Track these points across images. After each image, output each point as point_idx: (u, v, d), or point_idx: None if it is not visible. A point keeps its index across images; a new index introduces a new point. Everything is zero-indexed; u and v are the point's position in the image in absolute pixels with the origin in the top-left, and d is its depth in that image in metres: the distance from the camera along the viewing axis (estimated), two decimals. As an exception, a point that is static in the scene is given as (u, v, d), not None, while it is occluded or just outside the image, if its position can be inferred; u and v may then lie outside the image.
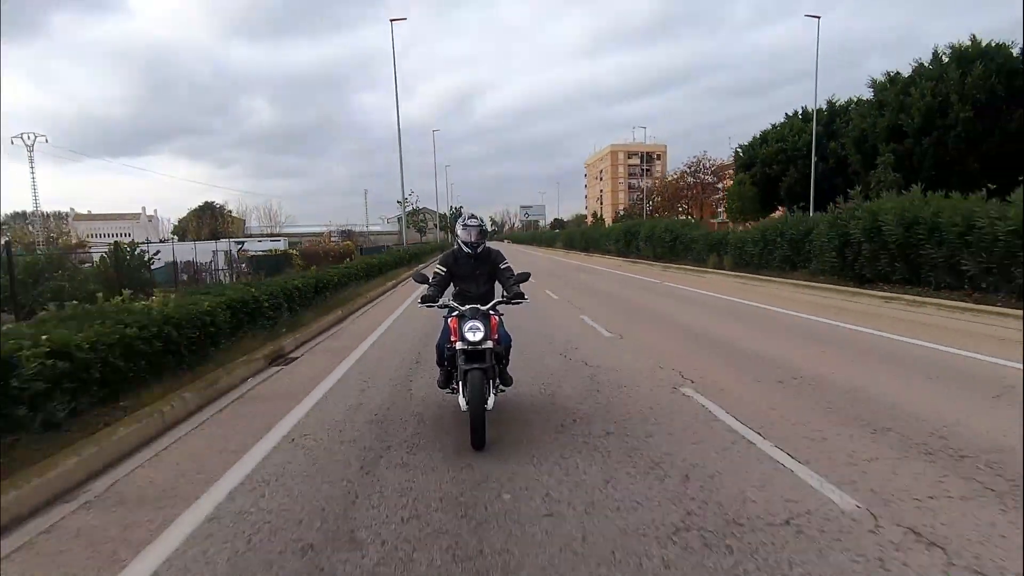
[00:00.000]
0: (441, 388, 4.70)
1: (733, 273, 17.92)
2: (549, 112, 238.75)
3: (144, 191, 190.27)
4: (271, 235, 76.19)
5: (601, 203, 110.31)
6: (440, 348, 4.58)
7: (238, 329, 7.19)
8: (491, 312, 4.29)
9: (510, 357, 4.71)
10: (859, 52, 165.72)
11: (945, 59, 24.13)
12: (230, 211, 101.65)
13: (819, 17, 28.07)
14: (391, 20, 28.52)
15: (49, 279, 15.53)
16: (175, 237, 77.66)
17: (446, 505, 3.15)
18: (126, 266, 16.59)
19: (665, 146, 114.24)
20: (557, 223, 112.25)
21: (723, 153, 78.55)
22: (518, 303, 4.48)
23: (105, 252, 19.19)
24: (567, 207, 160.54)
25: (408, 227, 46.83)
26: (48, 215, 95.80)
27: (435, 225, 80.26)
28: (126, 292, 10.54)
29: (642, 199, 68.70)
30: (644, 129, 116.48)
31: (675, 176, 61.74)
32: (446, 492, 3.32)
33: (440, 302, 4.45)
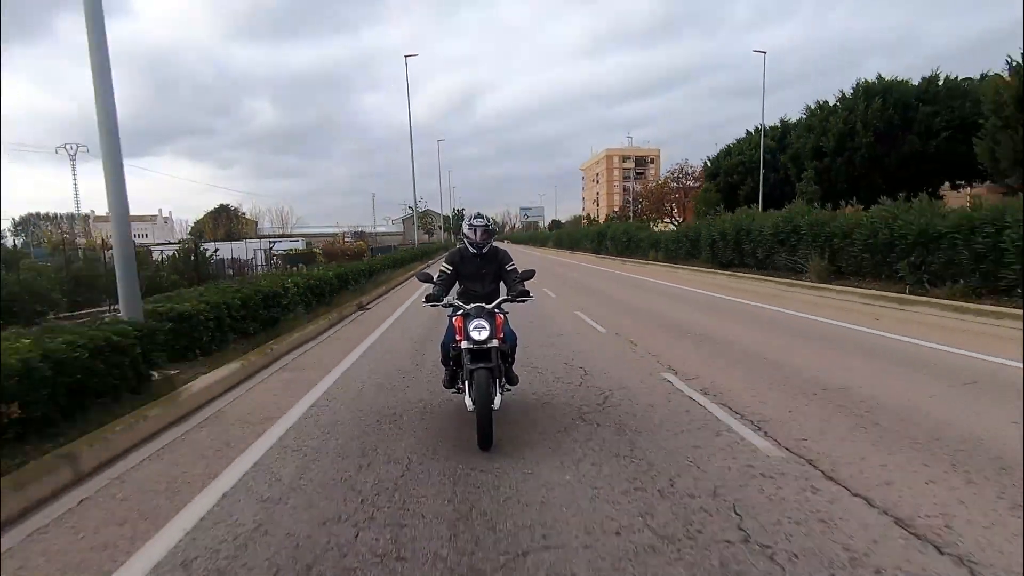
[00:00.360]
0: (446, 388, 4.73)
1: (662, 263, 23.89)
2: (550, 113, 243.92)
3: (144, 191, 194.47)
4: (285, 235, 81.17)
5: (598, 205, 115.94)
6: (445, 347, 4.58)
7: (341, 289, 12.78)
8: (496, 310, 4.33)
9: (515, 356, 4.74)
10: (860, 52, 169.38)
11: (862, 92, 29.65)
12: (243, 213, 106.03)
13: (765, 52, 33.56)
14: (405, 56, 33.63)
15: (142, 270, 21.20)
16: (191, 237, 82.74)
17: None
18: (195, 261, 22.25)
19: (659, 150, 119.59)
20: (555, 224, 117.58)
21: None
22: (523, 301, 4.55)
23: (176, 250, 24.84)
24: (567, 207, 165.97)
25: (418, 228, 52.42)
26: (60, 216, 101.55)
27: (439, 227, 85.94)
28: (219, 283, 15.87)
29: (631, 202, 74.26)
30: (630, 138, 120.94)
31: (662, 181, 67.25)
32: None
33: (445, 301, 4.49)
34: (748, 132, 43.38)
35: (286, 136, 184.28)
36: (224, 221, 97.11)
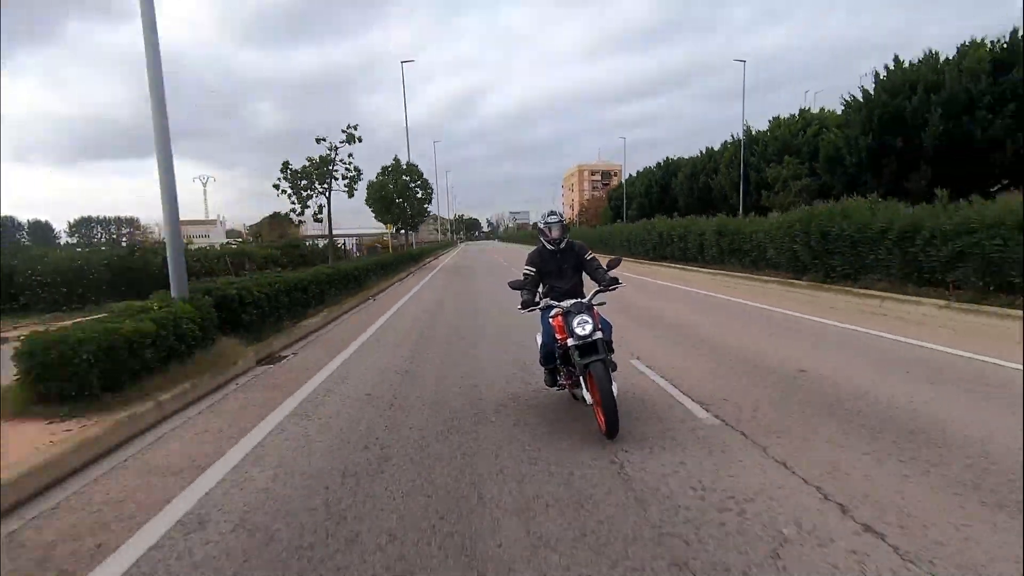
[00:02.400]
0: (548, 386, 5.05)
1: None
2: (549, 115, 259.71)
3: (142, 191, 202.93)
4: (325, 236, 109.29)
5: (573, 210, 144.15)
6: (548, 347, 4.68)
7: (420, 259, 41.90)
8: (592, 303, 4.50)
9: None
10: (857, 53, 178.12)
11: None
12: (291, 218, 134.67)
13: (624, 138, 62.43)
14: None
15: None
16: (251, 239, 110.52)
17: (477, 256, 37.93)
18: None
19: (620, 166, 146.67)
20: (535, 226, 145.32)
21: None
22: (614, 288, 4.67)
23: (323, 244, 54.22)
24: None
25: (434, 231, 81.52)
26: (109, 219, 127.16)
27: (446, 229, 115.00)
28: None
29: (575, 213, 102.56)
30: (599, 152, 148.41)
31: (599, 196, 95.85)
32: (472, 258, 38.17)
33: (542, 304, 4.66)
34: (634, 173, 72.37)
35: (290, 137, 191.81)
36: (277, 225, 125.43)
